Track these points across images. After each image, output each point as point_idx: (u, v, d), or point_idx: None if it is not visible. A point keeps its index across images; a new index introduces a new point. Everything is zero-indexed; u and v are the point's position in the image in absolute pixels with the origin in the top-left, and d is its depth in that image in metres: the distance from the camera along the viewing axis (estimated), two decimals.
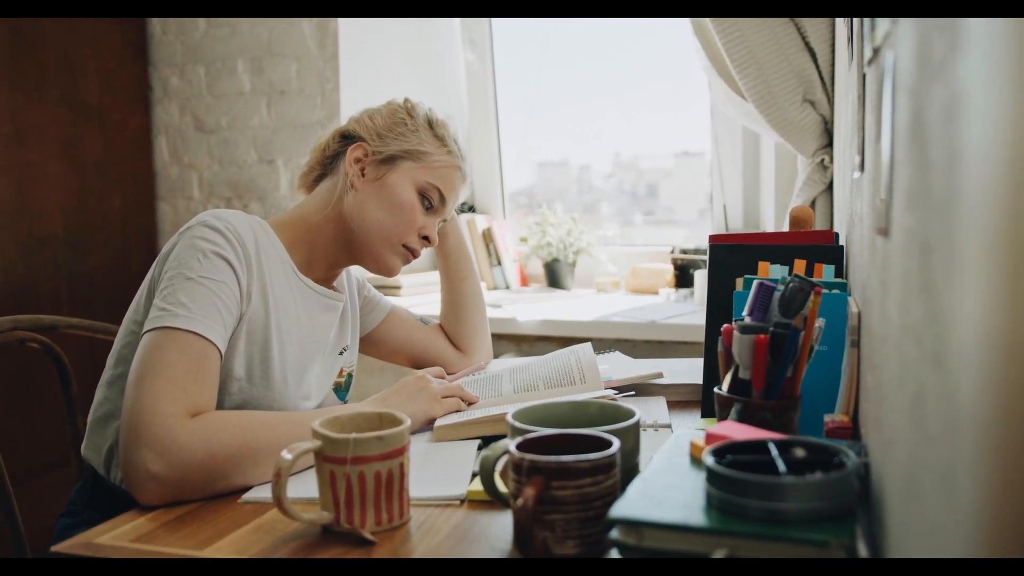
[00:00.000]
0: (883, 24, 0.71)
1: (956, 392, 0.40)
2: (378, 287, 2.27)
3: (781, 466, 0.66)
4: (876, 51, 0.77)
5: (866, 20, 0.87)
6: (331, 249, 1.23)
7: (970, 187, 0.38)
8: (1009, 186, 0.32)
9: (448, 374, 1.35)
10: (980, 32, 0.36)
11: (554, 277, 2.58)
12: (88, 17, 2.41)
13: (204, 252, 1.04)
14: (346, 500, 0.79)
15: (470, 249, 1.47)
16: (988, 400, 0.34)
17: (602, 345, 1.96)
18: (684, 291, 2.35)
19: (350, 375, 1.32)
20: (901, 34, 0.60)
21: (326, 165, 1.27)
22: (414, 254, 1.25)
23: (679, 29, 2.51)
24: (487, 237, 2.60)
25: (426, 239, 1.25)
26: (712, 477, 0.66)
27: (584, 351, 1.28)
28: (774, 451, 0.69)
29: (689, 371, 1.36)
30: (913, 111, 0.54)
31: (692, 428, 1.04)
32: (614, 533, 0.66)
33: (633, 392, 1.28)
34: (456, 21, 2.66)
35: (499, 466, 0.81)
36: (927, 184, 0.48)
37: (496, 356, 1.98)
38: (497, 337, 2.16)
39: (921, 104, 0.51)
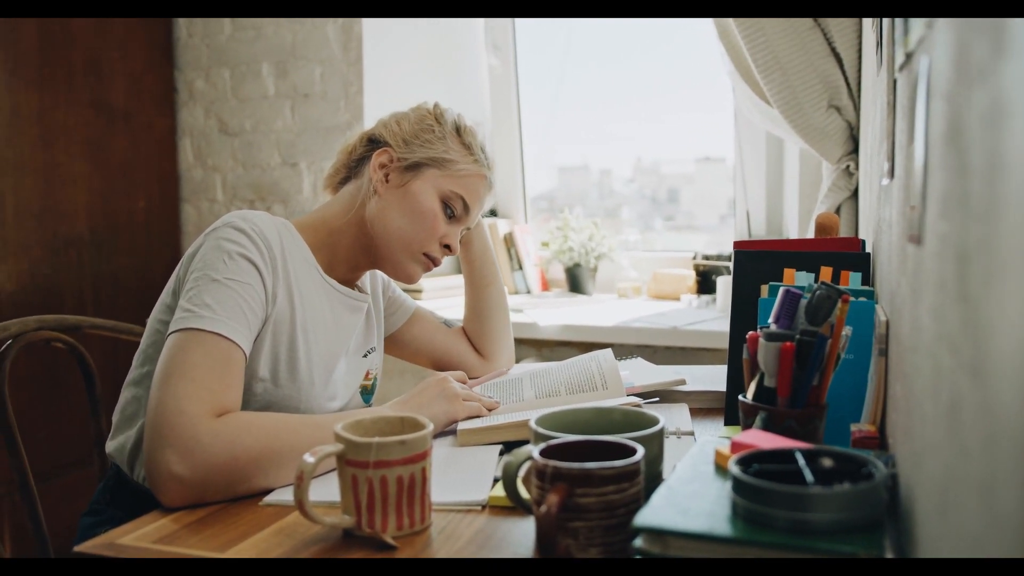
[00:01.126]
0: (917, 28, 0.70)
1: (996, 403, 0.39)
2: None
3: (808, 476, 0.65)
4: (909, 56, 0.76)
5: (898, 25, 0.85)
6: (352, 252, 1.22)
7: (1013, 194, 0.37)
8: None
9: (470, 378, 1.35)
10: None
11: (575, 282, 2.57)
12: (111, 17, 2.43)
13: (229, 253, 1.04)
14: (368, 504, 0.79)
15: (495, 255, 1.46)
16: None
17: (623, 351, 1.95)
18: (706, 297, 2.33)
19: (376, 377, 1.32)
20: (937, 38, 0.59)
21: (352, 168, 1.27)
22: (435, 262, 1.24)
23: (701, 33, 2.50)
24: (508, 241, 2.60)
25: (447, 248, 1.25)
26: (738, 486, 0.65)
27: (605, 357, 1.27)
28: (801, 461, 0.68)
29: (711, 378, 1.35)
30: (950, 117, 0.53)
31: (715, 436, 1.03)
32: (638, 541, 0.65)
33: (657, 399, 1.27)
34: (480, 25, 2.66)
35: (522, 472, 0.81)
36: (965, 191, 0.47)
37: (517, 360, 1.98)
38: (518, 341, 2.15)
39: (959, 110, 0.50)
